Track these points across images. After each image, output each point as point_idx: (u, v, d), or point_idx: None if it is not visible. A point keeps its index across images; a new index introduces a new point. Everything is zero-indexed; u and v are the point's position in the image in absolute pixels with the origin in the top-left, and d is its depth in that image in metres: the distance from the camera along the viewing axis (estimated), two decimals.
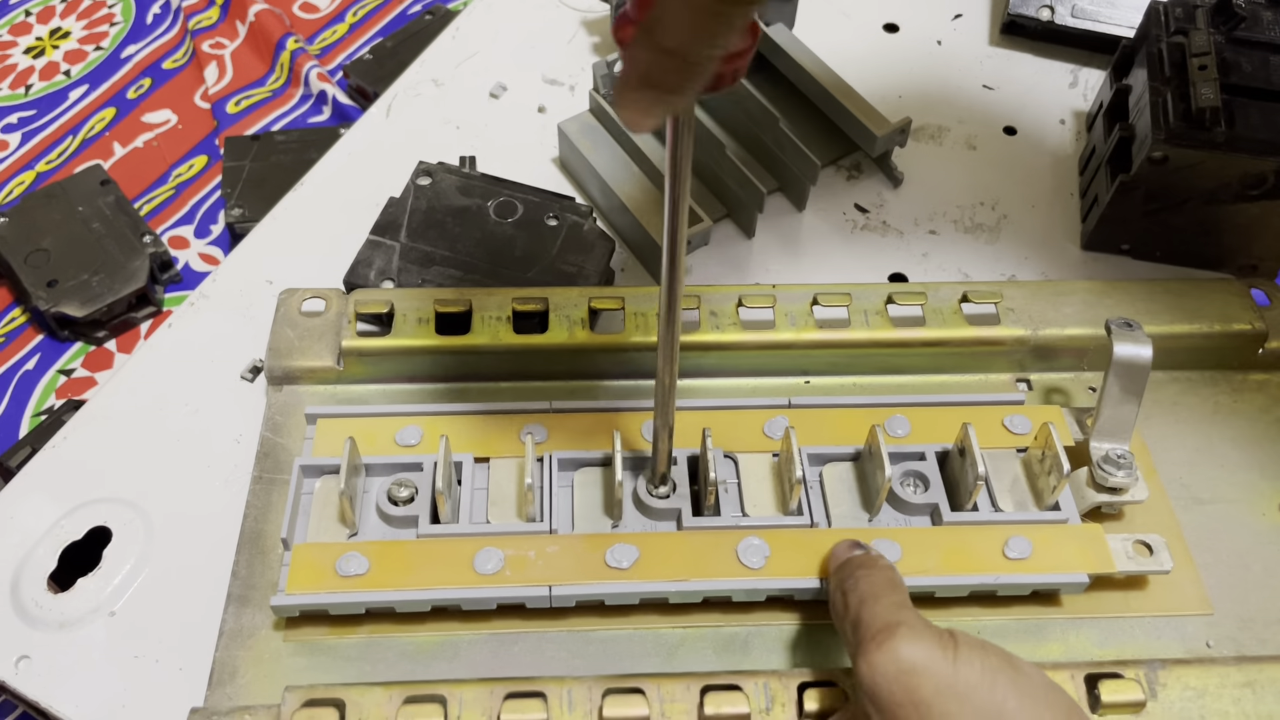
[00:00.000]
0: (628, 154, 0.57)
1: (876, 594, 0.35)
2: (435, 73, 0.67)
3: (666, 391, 0.38)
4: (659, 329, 0.36)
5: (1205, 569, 0.44)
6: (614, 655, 0.41)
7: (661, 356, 0.37)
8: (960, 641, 0.33)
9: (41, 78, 0.94)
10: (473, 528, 0.42)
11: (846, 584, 0.36)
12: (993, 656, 0.33)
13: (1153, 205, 0.53)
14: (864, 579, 0.36)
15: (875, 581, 0.36)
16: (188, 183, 0.86)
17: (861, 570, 0.37)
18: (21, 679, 0.41)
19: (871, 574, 0.36)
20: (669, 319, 0.35)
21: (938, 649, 0.32)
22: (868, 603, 0.35)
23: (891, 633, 0.33)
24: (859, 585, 0.36)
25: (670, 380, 0.37)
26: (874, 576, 0.36)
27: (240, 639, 0.40)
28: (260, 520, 0.43)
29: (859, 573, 0.37)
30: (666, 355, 0.36)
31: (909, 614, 0.34)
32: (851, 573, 0.37)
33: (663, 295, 0.35)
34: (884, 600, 0.35)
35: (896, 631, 0.33)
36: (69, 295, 0.73)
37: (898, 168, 0.60)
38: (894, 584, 0.36)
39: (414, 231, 0.53)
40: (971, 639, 0.33)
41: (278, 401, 0.47)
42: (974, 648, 0.33)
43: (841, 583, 0.37)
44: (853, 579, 0.36)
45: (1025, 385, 0.50)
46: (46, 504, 0.46)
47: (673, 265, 0.34)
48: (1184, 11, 0.54)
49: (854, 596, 0.35)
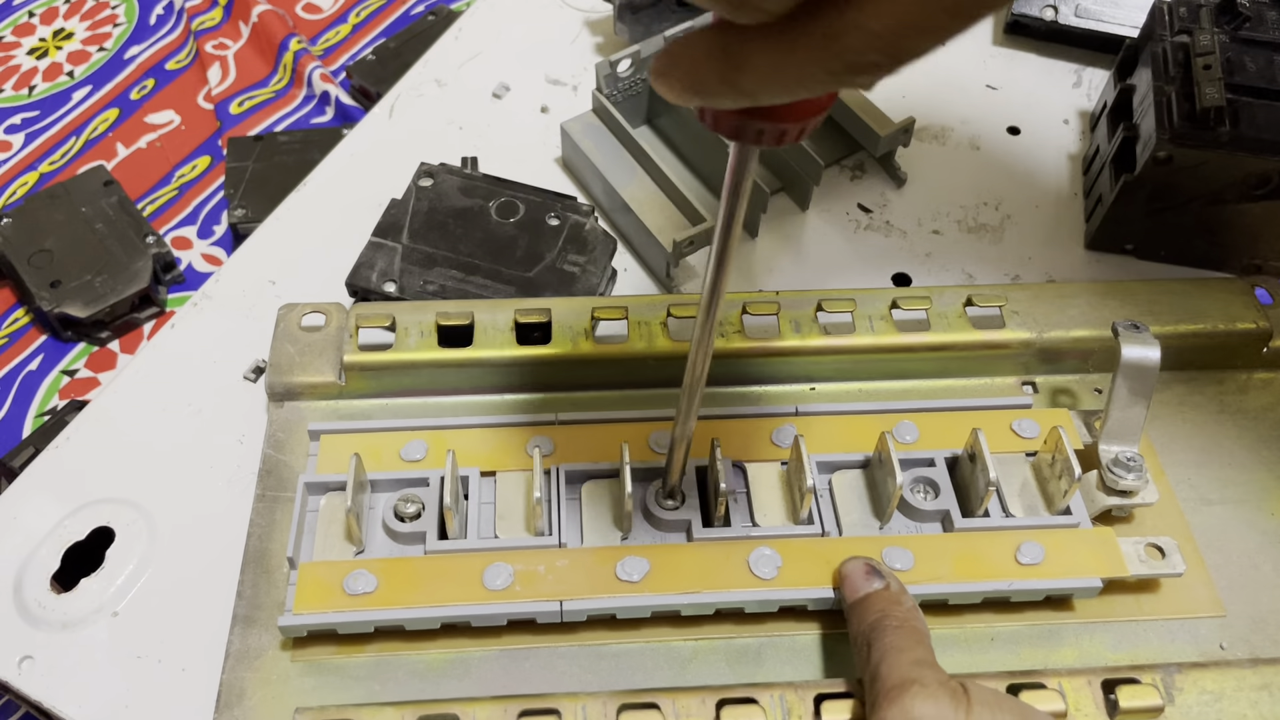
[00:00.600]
0: (630, 154, 0.57)
1: (900, 647, 0.35)
2: (438, 73, 0.66)
3: (689, 402, 0.37)
4: (692, 347, 0.35)
5: (1215, 570, 0.44)
6: (626, 669, 0.40)
7: (691, 369, 0.36)
8: (974, 698, 0.33)
9: (45, 79, 0.93)
10: (481, 543, 0.41)
11: (872, 634, 0.36)
12: (1005, 712, 0.33)
13: (1157, 205, 0.53)
14: (889, 630, 0.36)
15: (902, 633, 0.36)
16: (191, 183, 0.85)
17: (887, 620, 0.37)
18: (24, 679, 0.41)
19: (902, 627, 0.36)
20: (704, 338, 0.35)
21: (949, 706, 0.33)
22: (888, 655, 0.35)
23: (904, 690, 0.33)
24: (884, 637, 0.36)
25: (696, 390, 0.37)
26: (903, 628, 0.36)
27: (247, 660, 0.40)
28: (264, 539, 0.43)
29: (885, 623, 0.37)
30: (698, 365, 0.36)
31: (926, 671, 0.34)
32: (877, 622, 0.37)
33: (699, 320, 0.34)
34: (905, 655, 0.35)
35: (909, 689, 0.33)
36: (72, 296, 0.73)
37: (901, 167, 0.60)
38: (917, 636, 0.36)
39: (416, 233, 0.53)
40: (986, 693, 0.34)
41: (279, 418, 0.47)
42: (986, 704, 0.33)
43: (867, 633, 0.37)
44: (877, 629, 0.36)
45: (1031, 388, 0.49)
46: (49, 504, 0.46)
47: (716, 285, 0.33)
48: (1188, 11, 0.54)
49: (876, 649, 0.36)
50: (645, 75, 0.59)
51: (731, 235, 0.31)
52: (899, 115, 0.57)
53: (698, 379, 0.36)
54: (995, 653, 0.41)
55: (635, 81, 0.59)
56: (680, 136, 0.61)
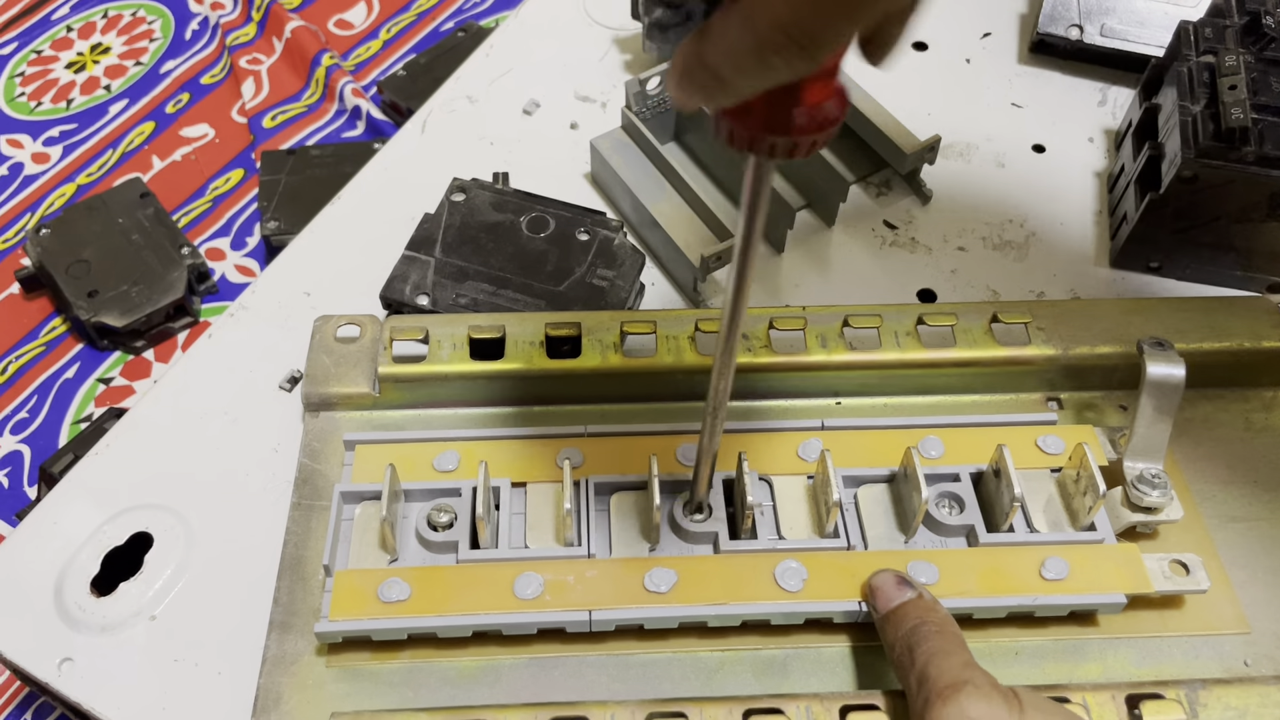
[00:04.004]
0: (659, 170, 0.58)
1: (946, 650, 0.36)
2: (470, 89, 0.67)
3: (714, 418, 0.38)
4: (715, 359, 0.36)
5: (1240, 587, 0.44)
6: (654, 679, 0.41)
7: (714, 386, 0.36)
8: (1026, 703, 0.33)
9: (82, 92, 0.95)
10: (512, 553, 0.42)
11: (913, 638, 0.37)
12: (1056, 716, 0.33)
13: (1182, 223, 0.53)
14: (932, 635, 0.37)
15: (945, 637, 0.36)
16: (224, 196, 0.87)
17: (927, 626, 0.37)
18: (64, 681, 0.42)
19: (943, 631, 0.37)
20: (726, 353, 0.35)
21: (1003, 708, 0.33)
22: (936, 658, 0.35)
23: (958, 689, 0.33)
24: (927, 641, 0.36)
25: (720, 407, 0.37)
26: (944, 632, 0.37)
27: (283, 665, 0.41)
28: (300, 546, 0.44)
29: (925, 628, 0.37)
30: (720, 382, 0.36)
31: (977, 673, 0.34)
32: (916, 627, 0.37)
33: (722, 333, 0.35)
34: (953, 657, 0.35)
35: (963, 689, 0.33)
36: (109, 305, 0.75)
37: (926, 185, 0.60)
38: (959, 640, 0.37)
39: (448, 247, 0.54)
40: (1037, 700, 0.34)
41: (315, 428, 0.48)
42: (1039, 709, 0.33)
43: (907, 638, 0.37)
44: (919, 634, 0.37)
45: (1056, 404, 0.50)
46: (89, 510, 0.47)
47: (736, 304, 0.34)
48: (1213, 31, 0.54)
49: (921, 652, 0.36)
50: None
51: (751, 248, 0.32)
52: (925, 133, 0.58)
53: (723, 392, 0.37)
54: (1020, 667, 0.41)
55: (664, 99, 0.60)
56: (707, 153, 0.61)
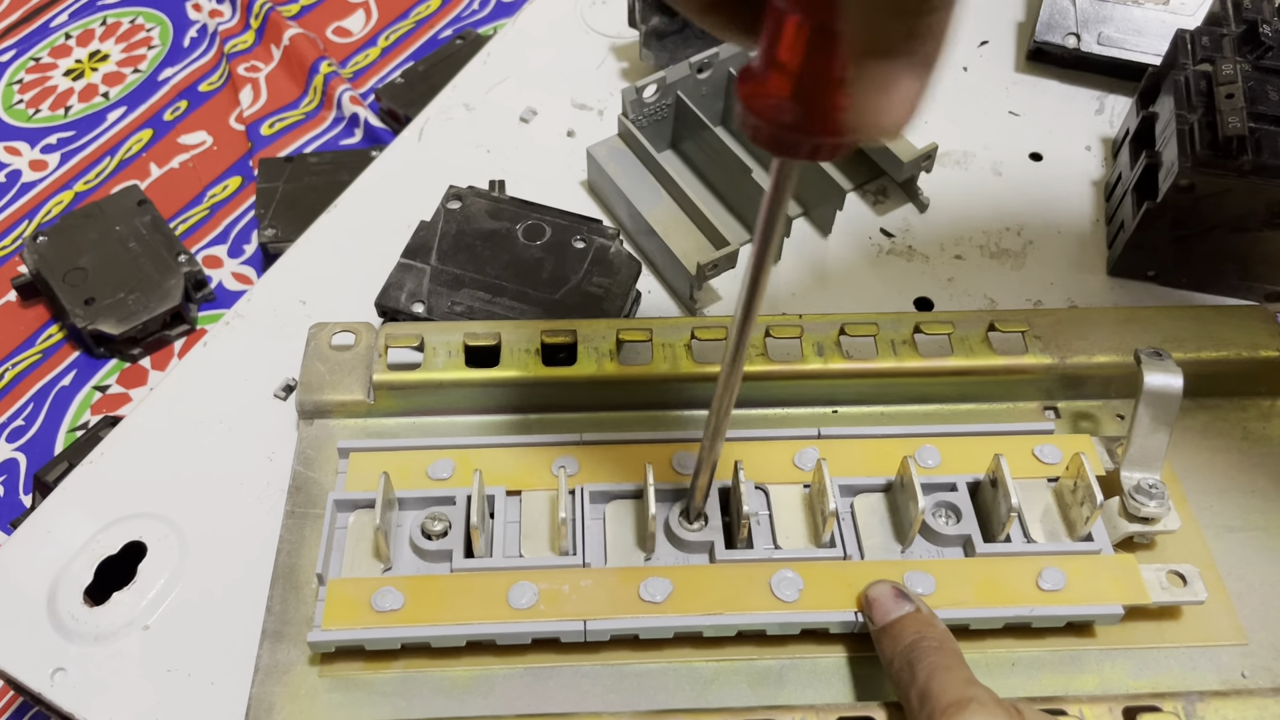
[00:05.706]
0: (655, 178, 0.58)
1: (947, 666, 0.36)
2: (466, 97, 0.67)
3: (717, 428, 0.37)
4: (722, 369, 0.35)
5: (1238, 598, 0.43)
6: (648, 689, 0.41)
7: (720, 395, 0.36)
8: (1029, 718, 0.33)
9: (80, 99, 0.96)
10: (506, 561, 0.42)
11: (913, 654, 0.37)
12: None
13: (1179, 232, 0.53)
14: (933, 650, 0.36)
15: (945, 653, 0.36)
16: (222, 203, 0.87)
17: (927, 641, 0.37)
18: (57, 691, 0.42)
19: (943, 647, 0.37)
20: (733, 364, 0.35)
21: None
22: (937, 674, 0.35)
23: (963, 707, 0.33)
24: (927, 656, 0.36)
25: (724, 418, 0.37)
26: (944, 648, 0.37)
27: (276, 675, 0.40)
28: (294, 555, 0.43)
29: (925, 644, 0.37)
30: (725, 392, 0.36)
31: (980, 689, 0.34)
32: (916, 643, 0.37)
33: (730, 342, 0.34)
34: (955, 673, 0.35)
35: (968, 706, 0.33)
36: (106, 313, 0.75)
37: (923, 193, 0.60)
38: (959, 657, 0.36)
39: (444, 255, 0.53)
40: (1040, 716, 0.34)
41: (309, 435, 0.47)
42: None
43: (906, 654, 0.37)
44: (918, 649, 0.37)
45: (1053, 413, 0.50)
46: (83, 519, 0.47)
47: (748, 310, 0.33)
48: (1210, 40, 0.54)
49: (922, 668, 0.36)
50: (670, 101, 0.60)
51: (768, 253, 0.31)
52: (922, 141, 0.57)
53: (728, 402, 0.36)
54: (1016, 678, 0.41)
55: (660, 107, 0.60)
56: (704, 161, 0.61)
